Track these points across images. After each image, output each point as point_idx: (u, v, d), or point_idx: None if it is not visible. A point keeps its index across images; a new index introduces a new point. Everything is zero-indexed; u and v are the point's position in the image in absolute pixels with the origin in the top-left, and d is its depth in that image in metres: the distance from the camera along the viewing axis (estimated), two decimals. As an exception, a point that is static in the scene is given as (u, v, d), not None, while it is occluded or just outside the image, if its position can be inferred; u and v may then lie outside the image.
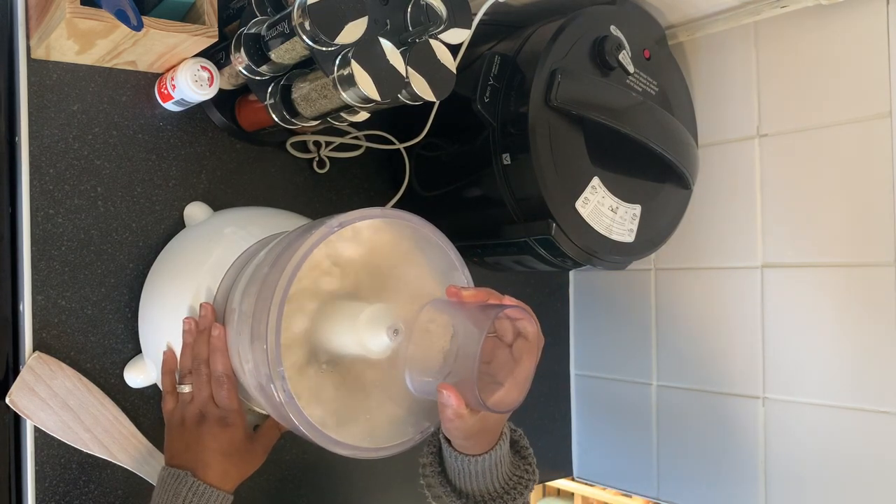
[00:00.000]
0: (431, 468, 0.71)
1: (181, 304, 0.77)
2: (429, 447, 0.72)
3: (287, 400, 0.60)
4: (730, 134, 1.01)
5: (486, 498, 0.69)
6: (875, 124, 0.88)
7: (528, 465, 0.72)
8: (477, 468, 0.67)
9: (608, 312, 1.17)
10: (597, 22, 0.89)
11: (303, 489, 0.94)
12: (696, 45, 1.05)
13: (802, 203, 0.94)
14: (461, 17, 0.77)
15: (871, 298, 0.88)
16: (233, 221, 0.84)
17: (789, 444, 0.95)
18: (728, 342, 1.02)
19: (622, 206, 0.89)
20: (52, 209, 0.78)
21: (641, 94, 0.91)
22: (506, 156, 0.85)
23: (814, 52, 0.93)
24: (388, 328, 0.63)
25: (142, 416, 0.82)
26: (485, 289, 0.64)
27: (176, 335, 0.76)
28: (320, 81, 0.74)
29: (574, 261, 0.88)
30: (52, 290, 0.78)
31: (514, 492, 0.70)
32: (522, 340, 0.64)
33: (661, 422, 1.10)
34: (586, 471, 1.21)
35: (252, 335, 0.64)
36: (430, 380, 0.63)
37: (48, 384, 0.76)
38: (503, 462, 0.69)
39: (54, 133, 0.78)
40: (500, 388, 0.63)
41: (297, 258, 0.61)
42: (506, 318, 0.64)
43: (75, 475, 0.79)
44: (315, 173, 0.96)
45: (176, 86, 0.79)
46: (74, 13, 0.66)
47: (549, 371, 1.19)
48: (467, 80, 0.84)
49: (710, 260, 1.04)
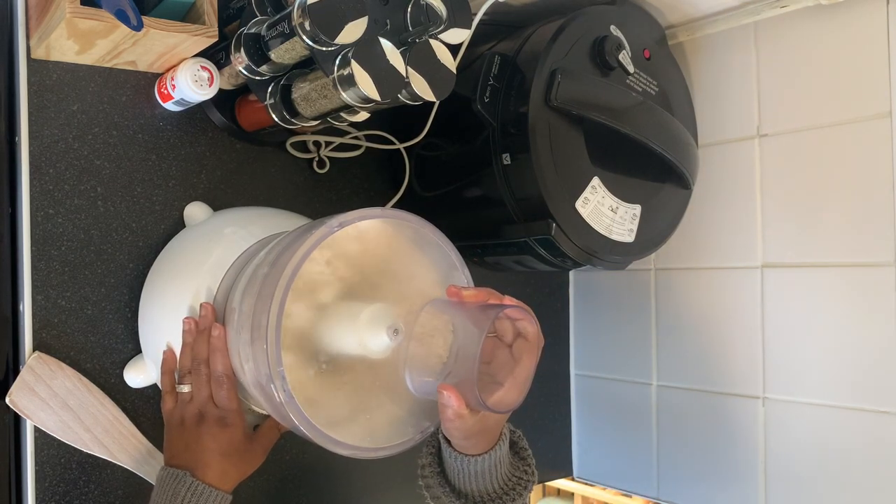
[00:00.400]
0: (430, 468, 0.71)
1: (181, 304, 0.77)
2: (428, 447, 0.72)
3: (287, 400, 0.60)
4: (730, 134, 1.01)
5: (485, 498, 0.69)
6: (875, 124, 0.88)
7: (528, 466, 0.72)
8: (476, 468, 0.67)
9: (608, 312, 1.17)
10: (597, 22, 0.89)
11: (303, 489, 0.94)
12: (696, 45, 1.05)
13: (802, 203, 0.94)
14: (461, 17, 0.77)
15: (871, 299, 0.88)
16: (233, 221, 0.84)
17: (789, 444, 0.95)
18: (728, 342, 1.02)
19: (622, 206, 0.89)
20: (52, 209, 0.78)
21: (641, 94, 0.91)
22: (506, 156, 0.85)
23: (814, 52, 0.93)
24: (388, 328, 0.63)
25: (142, 416, 0.82)
26: (485, 289, 0.64)
27: (176, 335, 0.76)
28: (320, 81, 0.74)
29: (574, 261, 0.88)
30: (52, 290, 0.78)
31: (513, 493, 0.70)
32: (522, 340, 0.64)
33: (661, 422, 1.10)
34: (586, 471, 1.21)
35: (252, 335, 0.64)
36: (430, 380, 0.63)
37: (48, 384, 0.76)
38: (502, 463, 0.69)
39: (54, 133, 0.78)
40: (500, 388, 0.63)
41: (297, 258, 0.61)
42: (506, 318, 0.64)
43: (75, 475, 0.79)
44: (315, 173, 0.96)
45: (176, 86, 0.79)
46: (74, 13, 0.66)
47: (549, 371, 1.19)
48: (467, 80, 0.84)
49: (710, 260, 1.04)
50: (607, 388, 1.17)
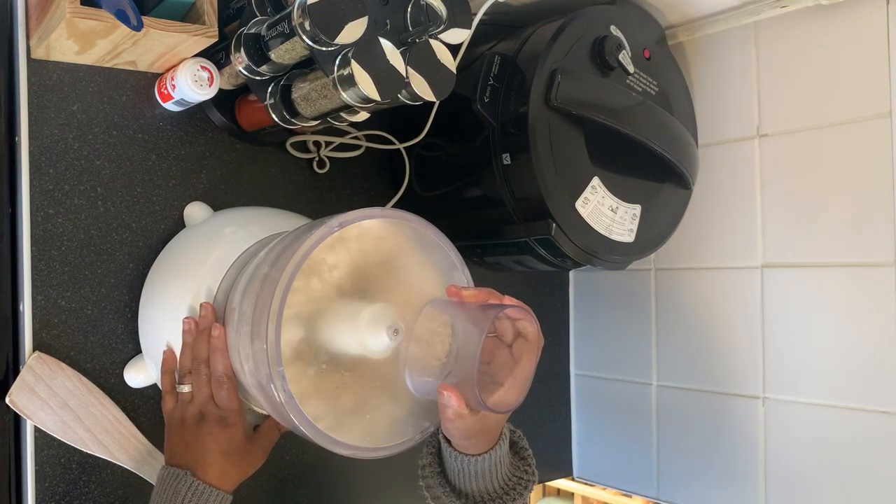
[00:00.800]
0: (431, 469, 0.71)
1: (181, 303, 0.77)
2: (428, 448, 0.72)
3: (287, 400, 0.60)
4: (730, 134, 1.01)
5: (485, 498, 0.69)
6: (875, 124, 0.88)
7: (528, 465, 0.72)
8: (476, 468, 0.68)
9: (608, 312, 1.17)
10: (597, 22, 0.89)
11: (303, 489, 0.94)
12: (696, 45, 1.05)
13: (802, 203, 0.94)
14: (461, 17, 0.77)
15: (872, 298, 0.88)
16: (233, 221, 0.84)
17: (789, 444, 0.95)
18: (728, 342, 1.02)
19: (622, 206, 0.89)
20: (52, 209, 0.78)
21: (641, 94, 0.91)
22: (506, 156, 0.85)
23: (814, 52, 0.93)
24: (388, 328, 0.63)
25: (142, 416, 0.82)
26: (485, 289, 0.64)
27: (176, 335, 0.76)
28: (320, 81, 0.74)
29: (574, 261, 0.88)
30: (52, 290, 0.78)
31: (513, 492, 0.70)
32: (522, 340, 0.64)
33: (661, 422, 1.10)
34: (586, 471, 1.21)
35: (252, 335, 0.64)
36: (430, 380, 0.63)
37: (48, 384, 0.76)
38: (503, 462, 0.69)
39: (54, 133, 0.78)
40: (500, 388, 0.63)
41: (297, 258, 0.61)
42: (506, 318, 0.64)
43: (75, 475, 0.79)
44: (315, 173, 0.96)
45: (176, 86, 0.79)
46: (74, 13, 0.66)
47: (549, 371, 1.19)
48: (467, 80, 0.84)
49: (710, 260, 1.04)
50: (607, 388, 1.17)
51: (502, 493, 0.69)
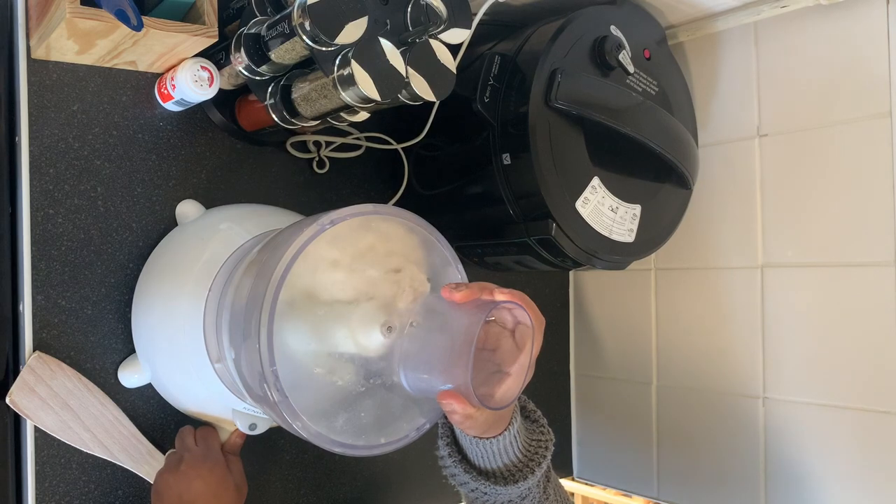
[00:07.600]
0: (451, 458, 0.71)
1: (174, 301, 0.76)
2: (443, 439, 0.72)
3: (280, 399, 0.60)
4: (730, 134, 1.01)
5: (512, 470, 0.69)
6: (875, 124, 0.88)
7: (542, 427, 0.73)
8: (497, 447, 0.68)
9: (608, 312, 1.17)
10: (597, 22, 0.90)
11: (303, 489, 0.94)
12: (696, 45, 1.05)
13: (802, 203, 0.94)
14: (461, 17, 0.77)
15: (871, 298, 0.88)
16: (227, 218, 0.84)
17: (789, 444, 0.95)
18: (728, 342, 1.02)
19: (622, 206, 0.89)
20: (52, 209, 0.78)
21: (641, 94, 0.91)
22: (506, 156, 0.85)
23: (814, 52, 0.93)
24: (381, 325, 0.63)
25: (141, 416, 0.82)
26: (477, 284, 0.64)
27: (169, 333, 0.76)
28: (320, 81, 0.74)
29: (574, 261, 0.88)
30: (52, 290, 0.78)
31: (536, 457, 0.70)
32: (523, 326, 0.64)
33: (661, 422, 1.10)
34: (586, 471, 1.21)
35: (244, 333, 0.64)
36: (425, 376, 0.63)
37: (48, 384, 0.76)
38: (520, 434, 0.69)
39: (54, 133, 0.78)
40: (507, 378, 0.62)
41: (288, 256, 0.61)
42: (502, 308, 0.64)
43: (75, 475, 0.79)
44: (315, 173, 0.96)
45: (176, 86, 0.79)
46: (74, 13, 0.66)
47: (549, 371, 1.19)
48: (467, 80, 0.84)
49: (710, 260, 1.04)
50: (607, 388, 1.17)
51: (527, 461, 0.70)
